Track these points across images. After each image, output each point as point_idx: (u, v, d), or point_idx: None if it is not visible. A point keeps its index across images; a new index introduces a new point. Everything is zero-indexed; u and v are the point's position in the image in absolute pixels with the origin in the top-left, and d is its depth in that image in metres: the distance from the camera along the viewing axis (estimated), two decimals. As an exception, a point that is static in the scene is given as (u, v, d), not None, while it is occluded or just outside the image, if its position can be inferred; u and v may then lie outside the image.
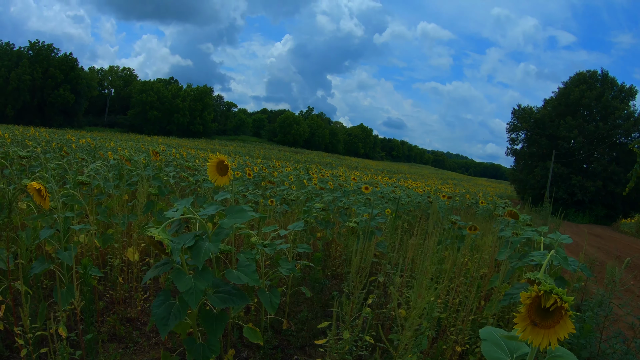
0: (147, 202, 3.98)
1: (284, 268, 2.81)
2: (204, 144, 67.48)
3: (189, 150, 30.77)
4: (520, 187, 51.91)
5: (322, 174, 16.88)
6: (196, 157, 18.68)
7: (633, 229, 31.52)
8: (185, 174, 4.86)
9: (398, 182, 26.63)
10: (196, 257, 1.91)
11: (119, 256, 3.79)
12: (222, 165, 2.31)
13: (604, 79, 48.34)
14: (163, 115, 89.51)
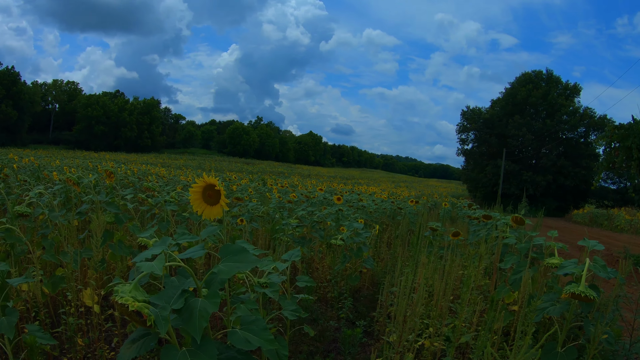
0: (104, 233, 3.36)
1: (287, 310, 2.26)
2: (154, 158, 65.74)
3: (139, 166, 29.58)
4: (472, 185, 53.03)
5: (280, 185, 16.34)
6: (148, 173, 17.75)
7: (586, 219, 32.36)
8: (144, 195, 4.24)
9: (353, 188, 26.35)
10: (190, 324, 1.35)
11: (73, 303, 3.16)
12: (212, 191, 1.76)
13: (549, 77, 50.03)
14: (110, 130, 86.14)
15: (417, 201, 12.03)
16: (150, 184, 4.16)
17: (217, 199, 1.78)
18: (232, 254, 1.58)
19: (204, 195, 1.79)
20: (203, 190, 1.79)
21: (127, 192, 3.83)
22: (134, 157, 63.46)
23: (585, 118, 47.46)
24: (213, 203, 1.79)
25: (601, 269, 2.55)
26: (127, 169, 17.11)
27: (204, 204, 1.80)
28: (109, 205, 3.46)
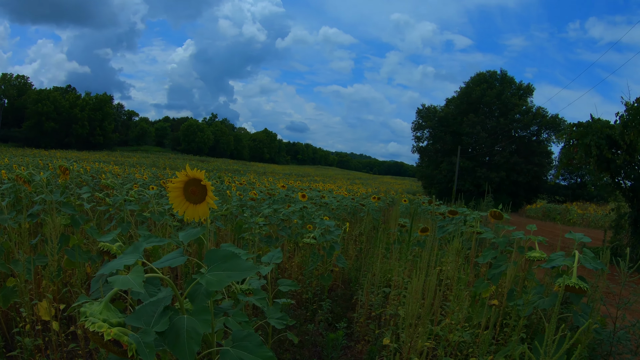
0: (60, 237, 3.04)
1: (273, 319, 2.02)
2: (106, 156, 63.82)
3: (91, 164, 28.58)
4: (427, 182, 53.81)
5: (239, 182, 15.99)
6: (101, 171, 17.08)
7: (539, 214, 33.27)
8: (101, 194, 3.91)
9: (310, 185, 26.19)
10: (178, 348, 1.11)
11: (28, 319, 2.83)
12: (197, 187, 1.52)
13: (503, 78, 51.28)
14: (61, 127, 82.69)
15: (379, 198, 11.92)
16: (109, 182, 3.83)
17: (203, 196, 1.55)
18: (221, 261, 1.36)
19: (185, 192, 1.56)
20: (185, 185, 1.56)
21: (84, 190, 3.49)
22: (86, 155, 61.43)
23: (538, 117, 48.83)
24: (197, 201, 1.55)
25: (591, 260, 2.57)
26: (80, 167, 16.42)
27: (186, 203, 1.56)
28: (64, 206, 3.14)
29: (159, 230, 4.54)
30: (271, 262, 2.29)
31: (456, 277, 3.97)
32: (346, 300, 4.75)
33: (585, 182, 46.28)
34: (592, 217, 27.03)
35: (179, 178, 1.55)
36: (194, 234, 1.55)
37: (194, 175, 1.54)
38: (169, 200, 1.57)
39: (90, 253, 3.32)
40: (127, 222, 3.84)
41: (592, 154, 9.86)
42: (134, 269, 1.20)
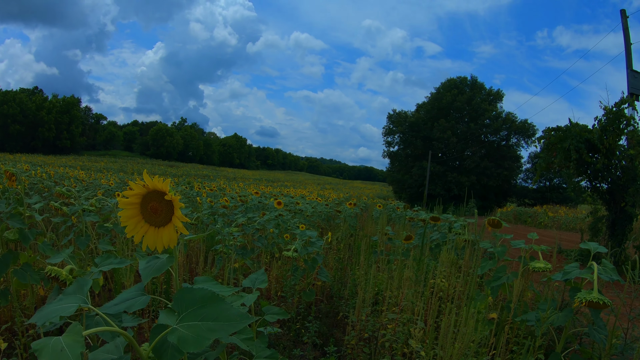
0: (4, 253, 2.61)
1: (261, 358, 1.64)
2: (73, 160, 62.18)
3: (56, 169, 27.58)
4: (397, 187, 54.20)
5: (209, 188, 15.49)
6: (66, 176, 16.37)
7: (510, 217, 33.55)
8: (57, 203, 3.48)
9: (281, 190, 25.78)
10: None
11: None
12: (159, 203, 1.20)
13: (474, 84, 51.98)
14: (27, 130, 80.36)
15: (355, 204, 11.61)
16: (64, 189, 3.39)
17: (169, 216, 1.21)
18: (198, 305, 1.00)
19: (144, 210, 1.22)
20: (143, 200, 1.22)
21: (34, 199, 3.04)
22: (52, 159, 59.76)
23: (507, 122, 49.70)
24: (161, 222, 1.21)
25: (610, 272, 2.43)
26: (43, 172, 15.67)
27: (145, 224, 1.23)
28: (11, 218, 2.70)
29: (123, 243, 4.11)
30: (254, 286, 1.91)
31: (462, 294, 3.66)
32: (331, 317, 4.39)
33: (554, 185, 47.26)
34: (562, 219, 27.29)
35: (134, 190, 1.21)
36: (158, 267, 1.19)
37: (155, 187, 1.19)
38: (121, 221, 1.23)
39: (43, 271, 2.89)
40: (87, 235, 3.41)
41: (571, 157, 9.84)
42: (70, 329, 0.82)
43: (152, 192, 1.22)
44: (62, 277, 1.80)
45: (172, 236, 1.23)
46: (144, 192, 1.22)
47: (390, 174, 56.66)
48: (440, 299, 3.97)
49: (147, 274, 1.20)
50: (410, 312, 3.45)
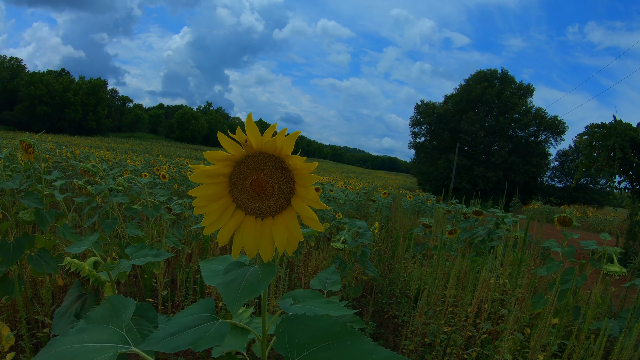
0: (17, 238, 2.24)
1: None
2: (98, 141, 62.54)
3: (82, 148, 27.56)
4: (422, 178, 53.77)
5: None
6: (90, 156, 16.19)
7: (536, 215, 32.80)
8: (82, 181, 3.11)
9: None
10: None
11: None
12: (270, 175, 0.80)
13: (504, 77, 51.00)
14: (53, 111, 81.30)
15: (388, 193, 11.20)
16: (89, 166, 3.00)
17: (286, 197, 0.82)
18: (320, 345, 0.64)
19: (237, 187, 0.84)
20: (236, 170, 0.83)
21: (54, 175, 2.66)
22: (78, 139, 60.17)
23: (537, 118, 48.68)
24: (270, 209, 0.83)
25: None
26: (68, 151, 15.52)
27: (238, 213, 0.85)
28: (27, 197, 2.33)
29: (152, 227, 3.73)
30: (325, 288, 1.50)
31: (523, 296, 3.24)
32: (377, 314, 4.00)
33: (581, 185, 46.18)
34: (591, 220, 26.50)
35: (223, 152, 0.80)
36: (252, 284, 0.78)
37: (264, 145, 0.78)
38: (195, 205, 0.84)
39: (62, 258, 2.52)
40: (113, 218, 3.05)
41: (615, 156, 9.34)
42: None
43: (257, 156, 0.81)
44: (84, 274, 1.41)
45: (292, 232, 0.83)
46: (240, 156, 0.81)
47: (415, 165, 56.10)
48: (501, 301, 3.57)
49: (233, 295, 0.79)
50: (465, 314, 3.08)
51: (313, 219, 0.81)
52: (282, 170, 0.81)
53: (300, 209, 0.81)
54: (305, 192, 0.79)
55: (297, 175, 0.80)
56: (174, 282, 4.17)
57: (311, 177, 0.79)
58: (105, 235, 3.12)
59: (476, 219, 6.03)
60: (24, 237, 2.31)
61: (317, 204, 0.80)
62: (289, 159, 0.78)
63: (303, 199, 0.80)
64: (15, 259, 2.21)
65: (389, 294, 4.35)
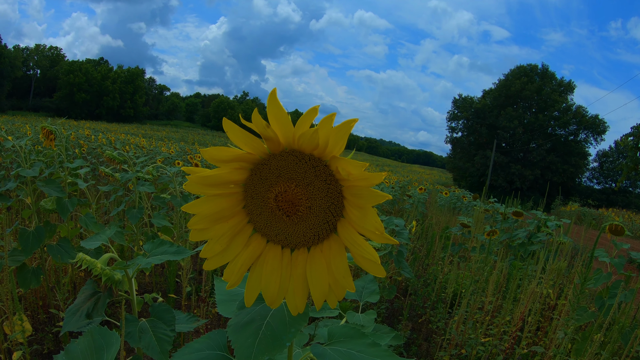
0: (37, 227, 2.14)
1: None
2: (135, 129, 63.52)
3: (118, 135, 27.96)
4: (458, 174, 53.18)
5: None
6: (127, 143, 16.34)
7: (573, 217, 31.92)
8: (109, 169, 3.01)
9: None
10: None
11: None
12: (305, 187, 0.59)
13: (544, 73, 49.78)
14: (92, 98, 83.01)
15: (424, 188, 10.94)
16: (116, 153, 2.89)
17: (328, 220, 0.62)
18: None
19: (255, 200, 0.64)
20: (255, 175, 0.63)
21: (77, 163, 2.55)
22: (115, 126, 61.26)
23: (577, 116, 47.36)
24: (304, 237, 0.63)
25: None
26: (104, 138, 15.70)
27: (257, 239, 0.66)
28: (48, 184, 2.23)
29: (181, 217, 3.61)
30: (362, 299, 1.34)
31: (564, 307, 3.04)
32: (413, 319, 3.83)
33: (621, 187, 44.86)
34: (629, 225, 25.46)
35: (233, 150, 0.60)
36: (271, 337, 0.60)
37: (297, 142, 0.58)
38: (192, 232, 0.65)
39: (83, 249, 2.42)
40: (140, 207, 2.94)
41: (663, 160, 8.96)
42: None
43: (285, 157, 0.61)
44: (96, 272, 1.30)
45: (337, 276, 0.62)
46: (260, 155, 0.62)
47: (451, 161, 55.39)
48: (542, 311, 3.36)
49: (248, 349, 0.61)
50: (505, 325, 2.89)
51: (372, 260, 0.59)
52: (325, 180, 0.59)
53: (352, 242, 0.59)
54: (361, 216, 0.57)
55: (349, 190, 0.58)
56: (200, 274, 4.06)
57: (373, 195, 0.56)
58: (132, 225, 3.02)
59: (515, 220, 5.80)
60: (45, 225, 2.22)
61: (381, 236, 0.58)
62: (338, 163, 0.57)
63: (357, 227, 0.58)
64: (35, 248, 2.13)
65: (424, 296, 4.16)
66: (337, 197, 0.60)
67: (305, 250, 0.63)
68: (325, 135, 0.54)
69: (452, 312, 3.43)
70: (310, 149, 0.57)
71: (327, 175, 0.59)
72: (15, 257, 2.15)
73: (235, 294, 0.83)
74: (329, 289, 0.61)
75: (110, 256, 1.38)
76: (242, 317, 0.65)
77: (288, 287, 0.63)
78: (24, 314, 2.12)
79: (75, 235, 2.63)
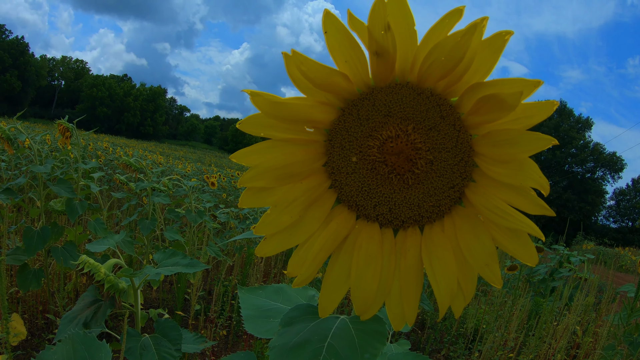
0: (43, 227, 2.03)
1: None
2: (154, 146, 64.01)
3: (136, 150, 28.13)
4: (472, 210, 52.64)
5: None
6: (144, 158, 16.37)
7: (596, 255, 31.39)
8: (124, 177, 2.90)
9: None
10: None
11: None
12: (428, 130, 0.42)
13: (562, 109, 49.72)
14: (113, 113, 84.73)
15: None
16: (132, 160, 2.79)
17: (462, 176, 0.44)
18: None
19: (353, 154, 0.46)
20: (356, 114, 0.45)
21: (91, 164, 2.43)
22: (134, 143, 61.80)
23: (595, 153, 47.07)
24: (429, 207, 0.45)
25: None
26: (122, 151, 15.75)
27: (349, 216, 0.48)
28: (59, 184, 2.12)
29: (194, 234, 3.48)
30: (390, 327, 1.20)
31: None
32: (432, 355, 3.66)
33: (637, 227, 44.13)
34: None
35: (328, 70, 0.44)
36: None
37: (427, 61, 0.40)
38: (246, 191, 0.49)
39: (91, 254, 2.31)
40: (153, 219, 2.82)
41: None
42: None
43: (395, 90, 0.45)
44: (99, 278, 1.17)
45: (478, 264, 0.46)
46: (360, 85, 0.46)
47: (464, 196, 55.30)
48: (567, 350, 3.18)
49: None
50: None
51: (528, 230, 0.45)
52: (454, 125, 0.42)
53: (493, 210, 0.43)
54: (512, 172, 0.42)
55: (493, 136, 0.41)
56: (210, 293, 3.91)
57: (530, 139, 0.42)
58: (143, 236, 2.90)
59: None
60: (52, 227, 2.11)
61: (538, 204, 0.44)
62: (483, 89, 0.40)
63: (502, 189, 0.43)
64: (38, 249, 2.01)
65: (442, 330, 3.98)
66: (469, 150, 0.44)
67: (417, 231, 0.47)
68: (472, 47, 0.38)
69: (472, 348, 3.26)
70: (440, 75, 0.41)
71: (456, 117, 0.44)
72: (17, 256, 2.03)
73: (268, 308, 0.67)
74: (457, 285, 0.44)
75: (116, 262, 1.25)
76: (290, 337, 0.48)
77: (392, 285, 0.46)
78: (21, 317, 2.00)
79: (84, 241, 2.52)
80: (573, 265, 4.98)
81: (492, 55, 0.40)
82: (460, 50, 0.38)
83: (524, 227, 0.44)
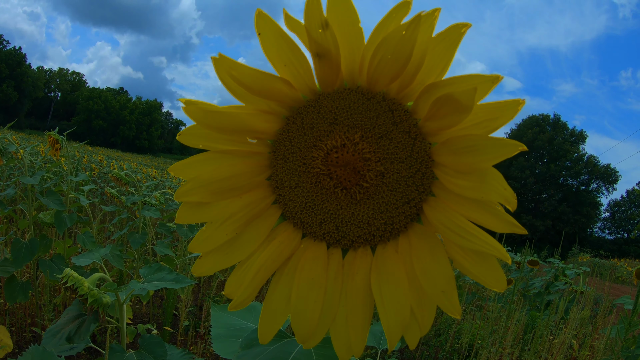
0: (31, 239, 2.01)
1: None
2: (149, 160, 63.93)
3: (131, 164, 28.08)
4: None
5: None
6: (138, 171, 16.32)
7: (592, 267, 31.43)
8: (115, 190, 2.88)
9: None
10: None
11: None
12: (379, 139, 0.38)
13: (556, 122, 50.14)
14: (108, 126, 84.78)
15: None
16: (123, 173, 2.78)
17: (419, 190, 0.42)
18: None
19: (298, 166, 0.44)
20: (302, 123, 0.43)
21: (81, 177, 2.41)
22: (129, 156, 61.71)
23: (589, 166, 47.41)
24: (381, 225, 0.42)
25: None
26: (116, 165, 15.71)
27: (294, 234, 0.45)
28: (47, 196, 2.11)
29: (184, 248, 3.45)
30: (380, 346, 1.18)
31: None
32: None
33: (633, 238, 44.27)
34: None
35: (266, 75, 0.42)
36: None
37: (375, 60, 0.38)
38: (182, 207, 0.47)
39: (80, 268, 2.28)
40: (143, 233, 2.79)
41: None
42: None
43: (343, 95, 0.43)
44: (82, 292, 1.16)
45: (434, 289, 0.42)
46: (304, 91, 0.44)
47: (460, 211, 55.46)
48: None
49: None
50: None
51: (492, 253, 0.42)
52: (409, 132, 0.40)
53: (453, 228, 0.40)
54: (475, 184, 0.40)
55: (453, 143, 0.39)
56: (201, 309, 3.88)
57: (496, 145, 0.40)
58: (133, 250, 2.87)
59: (531, 270, 5.66)
60: (41, 239, 2.09)
61: (507, 221, 0.41)
62: (438, 89, 0.37)
63: (464, 204, 0.40)
64: (26, 261, 2.00)
65: (436, 346, 3.94)
66: (426, 160, 0.41)
67: (368, 251, 0.44)
68: (423, 44, 0.36)
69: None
70: (390, 76, 0.38)
71: (411, 124, 0.41)
72: (5, 267, 2.02)
73: (239, 327, 0.64)
74: (411, 314, 0.40)
75: (100, 276, 1.24)
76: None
77: (337, 311, 0.42)
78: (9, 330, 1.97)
79: (73, 254, 2.50)
80: (569, 278, 4.98)
81: (446, 50, 0.38)
82: (407, 45, 0.36)
83: (488, 249, 0.42)
